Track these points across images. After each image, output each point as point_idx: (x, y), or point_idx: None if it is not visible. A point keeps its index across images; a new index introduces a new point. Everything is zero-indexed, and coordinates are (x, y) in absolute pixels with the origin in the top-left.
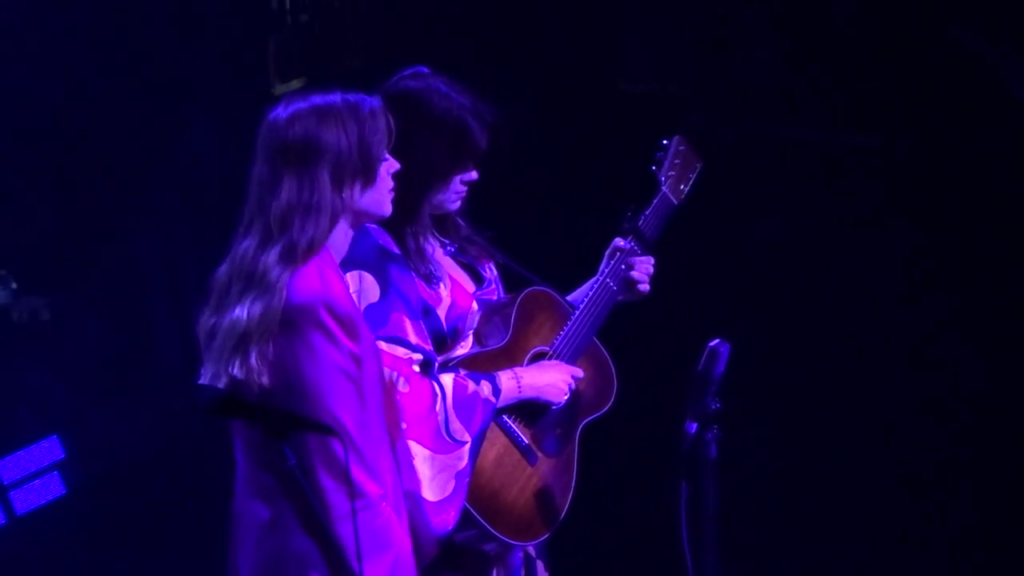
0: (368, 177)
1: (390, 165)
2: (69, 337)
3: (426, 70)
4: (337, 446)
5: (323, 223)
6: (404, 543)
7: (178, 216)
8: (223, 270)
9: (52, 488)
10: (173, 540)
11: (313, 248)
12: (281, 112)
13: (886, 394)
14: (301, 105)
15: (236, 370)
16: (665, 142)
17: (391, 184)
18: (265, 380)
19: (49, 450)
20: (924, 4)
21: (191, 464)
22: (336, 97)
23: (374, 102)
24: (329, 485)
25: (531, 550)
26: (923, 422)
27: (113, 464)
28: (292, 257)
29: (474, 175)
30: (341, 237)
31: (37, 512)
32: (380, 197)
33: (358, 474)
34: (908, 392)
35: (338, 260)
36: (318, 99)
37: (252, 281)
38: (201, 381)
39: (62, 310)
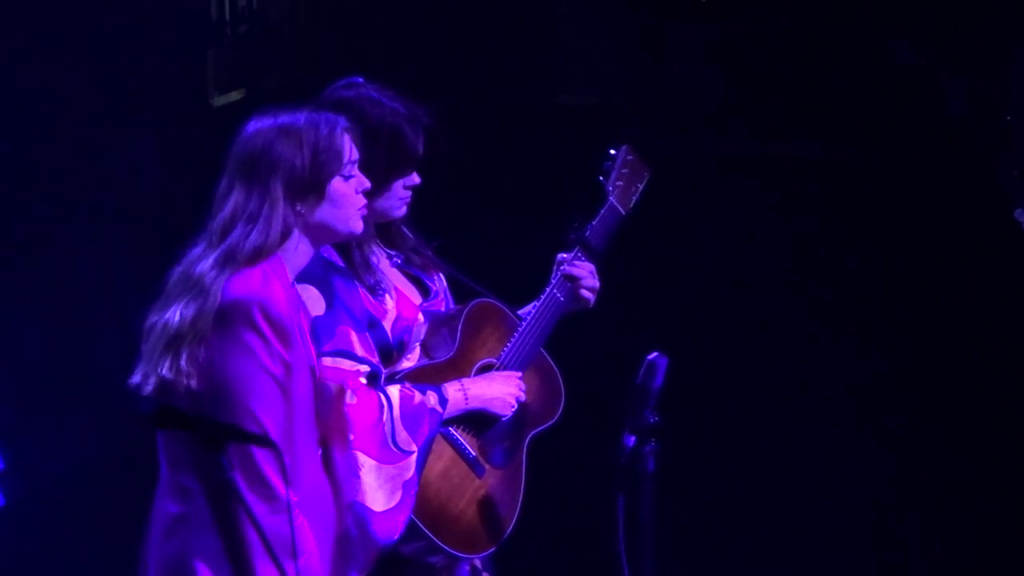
0: (319, 192)
1: (359, 182)
2: (7, 346)
3: (360, 80)
4: (255, 449)
5: (273, 232)
6: (313, 552)
7: (117, 225)
8: (175, 271)
9: None
10: (112, 550)
11: (260, 254)
12: (249, 127)
13: (827, 406)
14: (266, 122)
15: (165, 371)
16: (613, 152)
17: (361, 201)
18: (193, 383)
19: None
20: (862, 18)
21: (131, 473)
22: (301, 116)
23: (338, 121)
24: (243, 486)
25: (478, 563)
26: (863, 434)
27: (52, 474)
28: (229, 263)
29: (416, 179)
30: (297, 251)
31: None
32: (343, 213)
33: (274, 478)
34: (848, 404)
35: (294, 274)
36: (285, 117)
37: (188, 285)
38: (133, 380)
39: (0, 320)
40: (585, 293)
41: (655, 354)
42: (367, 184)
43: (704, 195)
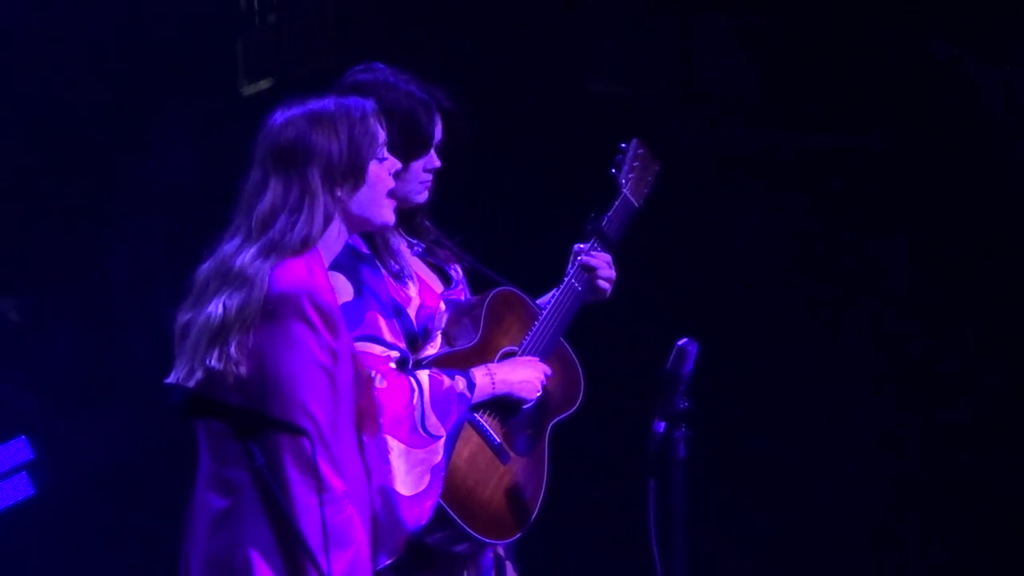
0: (358, 177)
1: (391, 164)
2: (39, 339)
3: (379, 64)
4: (306, 440)
5: (316, 222)
6: (363, 542)
7: (147, 217)
8: (204, 268)
9: (21, 488)
10: (142, 542)
11: (307, 244)
12: (277, 118)
13: (858, 393)
14: (296, 111)
15: (214, 361)
16: (623, 145)
17: (391, 184)
18: (243, 370)
19: (18, 450)
20: (893, 10)
21: (161, 467)
22: (329, 102)
23: (367, 105)
24: (295, 478)
25: (501, 550)
26: (891, 419)
27: (83, 466)
28: (274, 253)
29: (436, 162)
30: (333, 239)
31: (5, 512)
32: (378, 197)
33: (325, 468)
34: (878, 391)
35: (328, 262)
36: (313, 104)
37: (229, 278)
38: (171, 380)
39: (32, 312)
40: (602, 283)
41: (685, 340)
42: (398, 165)
43: (733, 185)
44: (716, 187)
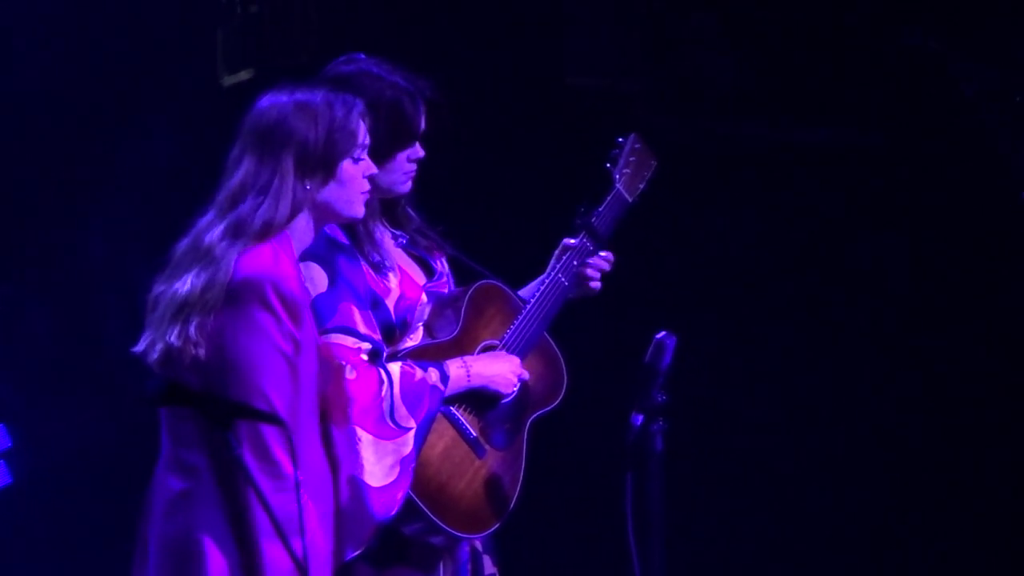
0: (328, 171)
1: (366, 167)
2: (16, 327)
3: (361, 55)
4: (263, 427)
5: (282, 208)
6: (316, 531)
7: (126, 205)
8: (183, 243)
9: None
10: (120, 530)
11: (269, 230)
12: (265, 100)
13: (834, 388)
14: (283, 95)
15: (173, 338)
16: (620, 140)
17: (365, 186)
18: (201, 352)
19: None
20: (875, 3)
21: (140, 455)
22: (318, 93)
23: (355, 103)
24: (252, 464)
25: (478, 544)
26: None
27: (61, 454)
28: (239, 234)
29: (420, 152)
30: (303, 229)
31: None
32: (348, 196)
33: (281, 456)
34: (855, 386)
35: (299, 252)
36: (301, 92)
37: (198, 255)
38: (137, 348)
39: (9, 300)
40: (594, 285)
41: (663, 333)
42: (374, 170)
43: (713, 179)
44: (694, 180)
